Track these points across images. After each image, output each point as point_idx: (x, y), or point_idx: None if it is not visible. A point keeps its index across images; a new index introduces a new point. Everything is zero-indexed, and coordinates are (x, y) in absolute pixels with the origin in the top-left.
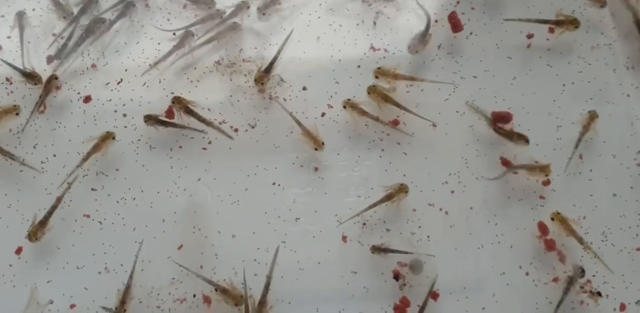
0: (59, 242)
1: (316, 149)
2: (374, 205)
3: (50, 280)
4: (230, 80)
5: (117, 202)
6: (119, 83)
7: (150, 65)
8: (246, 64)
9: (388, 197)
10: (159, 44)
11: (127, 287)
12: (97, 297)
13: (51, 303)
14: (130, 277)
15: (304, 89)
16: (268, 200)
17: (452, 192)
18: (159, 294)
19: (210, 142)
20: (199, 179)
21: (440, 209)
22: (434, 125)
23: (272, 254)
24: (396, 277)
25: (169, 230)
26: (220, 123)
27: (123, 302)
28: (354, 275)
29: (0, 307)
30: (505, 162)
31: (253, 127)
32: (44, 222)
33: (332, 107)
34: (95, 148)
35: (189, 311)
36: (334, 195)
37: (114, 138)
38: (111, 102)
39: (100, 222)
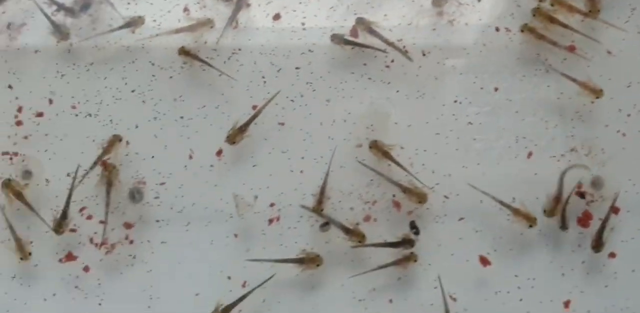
0: (255, 147)
1: None
2: None
3: (247, 181)
4: None
5: None
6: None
7: None
8: None
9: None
10: None
11: (323, 187)
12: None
13: (256, 197)
14: (326, 176)
15: None
16: None
17: None
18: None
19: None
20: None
21: None
22: None
23: None
24: (582, 195)
25: None
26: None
27: (320, 201)
28: None
29: (205, 204)
30: None
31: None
32: (243, 129)
33: None
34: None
35: (379, 213)
36: None
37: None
38: (297, 17)
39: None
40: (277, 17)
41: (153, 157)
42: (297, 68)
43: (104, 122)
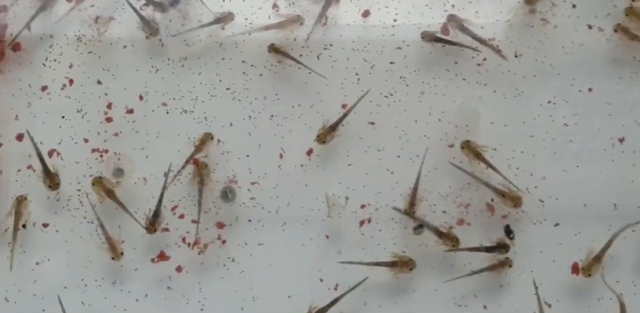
0: (349, 145)
1: None
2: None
3: (341, 181)
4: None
5: None
6: None
7: None
8: None
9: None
10: None
11: (415, 189)
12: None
13: (347, 199)
14: (417, 178)
15: None
16: None
17: None
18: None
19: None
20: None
21: None
22: None
23: None
24: None
25: None
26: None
27: (412, 203)
28: None
29: (297, 203)
30: None
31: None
32: (333, 128)
33: None
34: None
35: (473, 217)
36: None
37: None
38: (389, 14)
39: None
40: (366, 13)
41: (248, 156)
42: (391, 63)
43: (199, 119)
